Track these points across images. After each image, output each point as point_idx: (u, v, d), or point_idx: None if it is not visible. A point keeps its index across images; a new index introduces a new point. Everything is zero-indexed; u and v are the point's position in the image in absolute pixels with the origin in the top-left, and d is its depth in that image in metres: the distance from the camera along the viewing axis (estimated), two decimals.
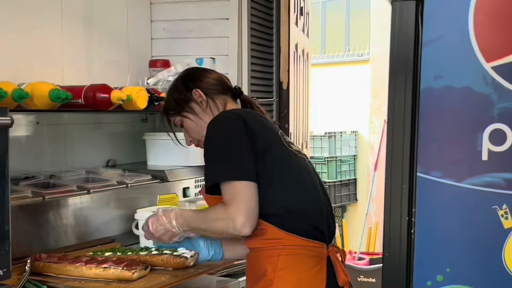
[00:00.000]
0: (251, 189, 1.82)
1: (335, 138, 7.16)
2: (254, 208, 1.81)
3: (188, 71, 2.17)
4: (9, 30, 2.44)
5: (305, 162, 2.01)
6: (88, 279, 2.01)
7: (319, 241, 1.91)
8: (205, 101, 2.03)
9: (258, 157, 1.86)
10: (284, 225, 1.87)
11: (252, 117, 1.95)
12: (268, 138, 1.92)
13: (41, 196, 2.28)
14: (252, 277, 1.93)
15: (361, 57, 7.52)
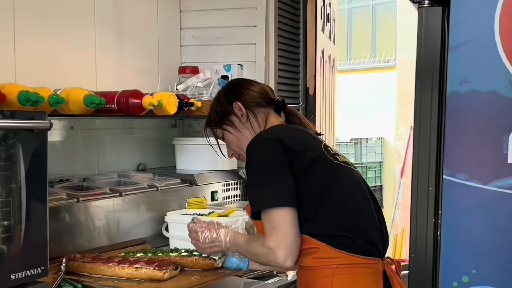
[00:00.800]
0: (289, 217, 1.76)
1: (361, 144, 7.16)
2: (294, 239, 1.77)
3: (231, 83, 2.15)
4: (45, 38, 2.53)
5: (354, 174, 1.93)
6: (121, 278, 2.06)
7: (374, 257, 1.83)
8: (245, 115, 2.00)
9: (300, 177, 1.80)
10: (337, 243, 1.79)
11: (291, 135, 1.90)
12: (311, 155, 1.84)
13: (76, 198, 2.35)
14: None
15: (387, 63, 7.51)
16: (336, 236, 1.80)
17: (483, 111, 1.89)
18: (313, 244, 1.80)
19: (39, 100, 2.07)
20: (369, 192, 1.93)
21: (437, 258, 1.96)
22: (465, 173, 1.90)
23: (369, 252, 1.82)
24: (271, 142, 1.84)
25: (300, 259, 1.84)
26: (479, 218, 1.90)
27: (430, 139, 1.93)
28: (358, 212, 1.85)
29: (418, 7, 2.02)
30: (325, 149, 1.92)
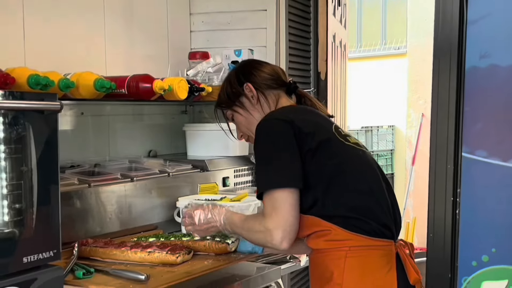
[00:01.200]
0: (291, 198, 1.75)
1: (371, 132, 7.12)
2: (293, 222, 1.76)
3: (242, 64, 2.13)
4: (54, 23, 2.51)
5: (365, 155, 1.91)
6: (134, 262, 2.05)
7: (387, 239, 1.81)
8: (256, 96, 1.98)
9: (310, 158, 1.78)
10: (349, 225, 1.78)
11: (301, 116, 1.87)
12: (321, 137, 1.82)
13: (87, 183, 2.34)
14: (318, 279, 1.85)
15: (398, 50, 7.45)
16: (348, 218, 1.78)
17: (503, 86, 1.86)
18: (325, 226, 1.79)
19: (49, 84, 2.06)
20: (381, 174, 1.91)
21: (456, 238, 1.93)
22: (484, 150, 1.87)
23: (382, 234, 1.80)
24: (280, 122, 1.82)
25: (312, 241, 1.83)
26: (499, 196, 1.87)
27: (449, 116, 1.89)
28: (370, 193, 1.83)
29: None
30: (335, 130, 1.90)
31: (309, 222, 1.81)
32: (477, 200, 1.89)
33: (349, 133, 1.98)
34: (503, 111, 1.88)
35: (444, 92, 1.91)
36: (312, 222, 1.81)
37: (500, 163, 1.87)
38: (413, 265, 1.83)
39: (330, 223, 1.78)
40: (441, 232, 1.93)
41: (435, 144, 1.94)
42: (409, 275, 1.80)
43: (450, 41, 1.90)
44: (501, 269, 1.88)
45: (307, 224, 1.82)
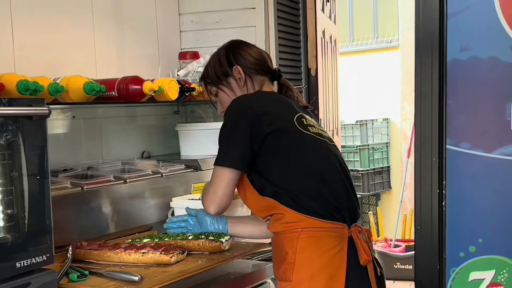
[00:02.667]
0: (230, 178, 1.95)
1: (366, 126, 7.12)
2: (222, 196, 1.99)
3: (232, 44, 2.20)
4: (43, 28, 2.52)
5: (325, 145, 2.02)
6: (128, 264, 2.06)
7: (339, 222, 1.92)
8: (243, 79, 2.09)
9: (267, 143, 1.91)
10: (301, 208, 1.90)
11: (264, 103, 2.00)
12: (278, 123, 1.95)
13: (80, 186, 2.35)
14: (276, 260, 1.99)
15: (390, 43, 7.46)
16: (299, 201, 1.90)
17: (484, 78, 1.88)
18: (280, 209, 1.92)
19: (38, 89, 2.06)
20: (340, 164, 2.03)
21: (443, 229, 1.95)
22: (468, 142, 1.89)
23: (332, 217, 1.91)
24: (243, 105, 1.97)
25: (271, 225, 1.97)
26: (484, 187, 1.89)
27: (432, 109, 1.91)
28: (322, 179, 1.94)
29: None
30: (297, 119, 2.01)
31: (267, 204, 1.96)
32: (462, 191, 1.91)
33: (315, 123, 2.08)
34: (485, 102, 1.90)
35: (426, 85, 1.93)
36: (269, 204, 1.95)
37: (484, 154, 1.90)
38: (365, 248, 1.93)
39: (284, 206, 1.91)
40: (428, 224, 1.95)
41: (419, 137, 1.96)
42: (360, 256, 1.91)
43: (431, 35, 1.92)
44: (488, 259, 1.91)
45: (265, 206, 1.97)
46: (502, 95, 1.87)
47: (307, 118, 2.06)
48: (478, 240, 1.90)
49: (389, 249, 6.08)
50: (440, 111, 1.94)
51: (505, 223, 1.89)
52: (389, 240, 6.28)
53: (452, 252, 1.93)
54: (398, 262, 5.92)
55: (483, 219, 1.90)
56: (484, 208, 1.90)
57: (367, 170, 7.03)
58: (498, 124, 1.88)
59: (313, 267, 1.87)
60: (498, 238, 1.89)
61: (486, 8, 1.85)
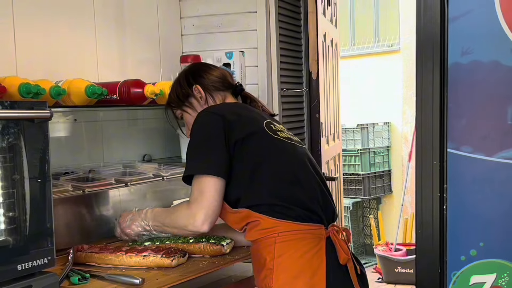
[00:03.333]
0: (216, 186, 1.89)
1: (367, 130, 7.12)
2: (216, 207, 1.90)
3: (192, 67, 2.26)
4: (45, 30, 2.52)
5: (294, 148, 2.03)
6: (129, 267, 2.07)
7: (315, 223, 1.92)
8: (204, 98, 2.12)
9: (237, 149, 1.90)
10: (275, 213, 1.90)
11: (233, 111, 2.01)
12: (248, 130, 1.95)
13: (81, 189, 2.35)
14: (256, 268, 1.97)
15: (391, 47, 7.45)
16: (272, 206, 1.90)
17: (486, 81, 1.88)
18: (254, 217, 1.91)
19: (40, 92, 2.07)
20: (312, 166, 2.04)
21: (444, 233, 1.95)
22: (469, 145, 1.89)
23: (309, 219, 1.91)
24: (212, 115, 1.97)
25: (247, 234, 1.96)
26: (485, 190, 1.89)
27: (433, 112, 1.92)
28: (295, 182, 1.95)
29: None
30: (267, 125, 2.02)
31: (241, 215, 1.94)
32: (463, 195, 1.91)
33: (283, 128, 2.10)
34: (486, 106, 1.91)
35: (428, 89, 1.93)
36: (244, 215, 1.93)
37: (485, 158, 1.90)
38: (343, 247, 1.94)
39: (258, 213, 1.90)
40: (429, 227, 1.95)
41: (420, 141, 1.96)
42: (339, 256, 1.92)
43: (432, 39, 1.93)
44: (489, 262, 1.90)
45: (240, 217, 1.95)
46: (503, 99, 1.87)
47: (275, 124, 2.09)
48: (479, 244, 1.90)
49: (390, 253, 6.08)
50: (441, 114, 1.95)
51: (506, 226, 1.88)
52: (390, 244, 6.27)
53: (453, 256, 1.92)
54: (399, 266, 5.91)
55: (484, 222, 1.90)
56: (485, 212, 1.90)
57: (368, 174, 7.02)
58: (499, 128, 1.88)
59: (292, 270, 1.87)
60: (499, 242, 1.89)
61: (487, 12, 1.85)
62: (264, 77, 3.11)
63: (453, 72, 1.89)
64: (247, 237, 1.98)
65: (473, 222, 1.90)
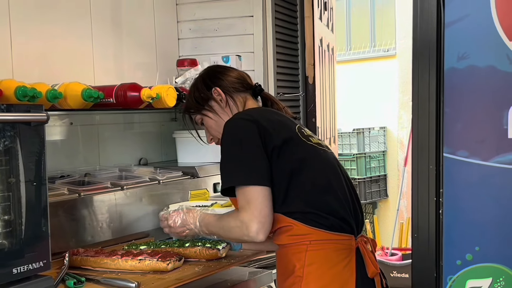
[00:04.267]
0: (264, 193, 1.81)
1: (363, 134, 7.14)
2: (267, 213, 1.81)
3: (208, 70, 2.17)
4: (41, 34, 2.52)
5: (326, 154, 1.98)
6: (125, 271, 2.06)
7: (346, 233, 1.89)
8: (224, 100, 2.04)
9: (274, 157, 1.85)
10: (309, 221, 1.85)
11: (266, 117, 1.93)
12: (283, 136, 1.89)
13: (77, 193, 2.35)
14: (282, 273, 1.92)
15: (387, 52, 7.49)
16: (307, 214, 1.85)
17: (482, 86, 1.88)
18: (287, 222, 1.86)
19: (36, 95, 2.07)
20: (343, 173, 1.99)
21: (440, 237, 1.95)
22: (465, 150, 1.90)
23: (341, 229, 1.87)
24: (246, 122, 1.89)
25: (276, 238, 1.91)
26: (480, 195, 1.90)
27: (429, 117, 1.92)
28: (329, 190, 1.90)
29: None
30: (298, 130, 1.97)
31: (274, 219, 1.87)
32: (459, 199, 1.91)
33: (312, 134, 2.05)
34: (482, 111, 1.91)
35: (424, 93, 1.94)
36: (276, 219, 1.87)
37: (481, 163, 1.90)
38: (372, 259, 1.90)
39: (291, 218, 1.85)
40: (425, 232, 1.95)
41: (417, 145, 1.97)
42: (368, 269, 1.88)
43: (428, 43, 1.93)
44: (485, 267, 1.91)
45: None
46: (499, 103, 1.88)
47: (305, 129, 2.04)
48: (475, 248, 1.90)
49: (385, 257, 6.08)
50: (437, 119, 1.95)
51: (502, 231, 1.89)
52: (386, 249, 6.28)
53: (449, 260, 1.92)
54: (394, 270, 5.92)
55: (480, 227, 1.90)
56: (481, 216, 1.90)
57: (363, 178, 7.03)
58: (495, 132, 1.88)
59: (322, 281, 1.83)
60: (495, 246, 1.89)
61: (483, 17, 1.86)
62: (260, 81, 3.11)
63: (449, 77, 1.89)
64: (275, 240, 1.92)
65: (469, 227, 1.91)
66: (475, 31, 1.88)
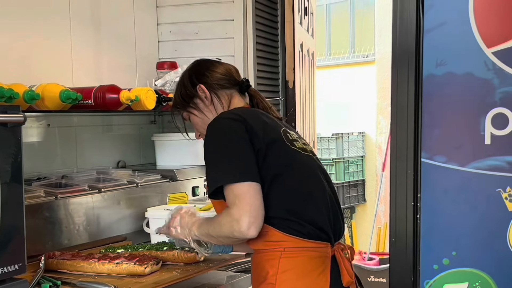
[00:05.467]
0: (254, 189, 1.76)
1: (342, 139, 7.18)
2: (258, 208, 1.75)
3: (195, 64, 2.11)
4: (19, 34, 2.49)
5: (310, 161, 1.94)
6: (101, 274, 2.04)
7: (323, 241, 1.84)
8: (209, 97, 1.99)
9: (259, 158, 1.80)
10: (285, 228, 1.81)
11: (253, 116, 1.90)
12: (268, 138, 1.84)
13: (54, 195, 2.32)
14: (256, 279, 1.89)
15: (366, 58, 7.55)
16: (284, 220, 1.81)
17: (459, 93, 1.91)
18: (264, 227, 1.79)
19: (13, 96, 2.04)
20: (326, 180, 1.95)
21: (417, 242, 1.97)
22: (443, 155, 1.92)
23: (318, 237, 1.83)
24: (233, 121, 1.84)
25: (252, 242, 1.85)
26: (458, 200, 1.92)
27: (408, 122, 1.94)
28: (309, 198, 1.86)
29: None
30: (283, 134, 1.92)
31: None
32: (437, 204, 1.93)
33: (297, 137, 1.99)
34: (460, 117, 1.94)
35: (403, 99, 1.96)
36: None
37: (458, 168, 1.92)
38: (347, 268, 1.87)
39: (267, 224, 1.80)
40: (403, 236, 1.96)
41: (395, 150, 1.98)
42: (343, 278, 1.85)
43: (407, 50, 1.95)
44: (461, 271, 1.93)
45: None
46: (476, 110, 1.91)
47: (290, 133, 1.98)
48: (452, 253, 1.92)
49: (363, 262, 6.11)
50: (415, 124, 1.97)
51: (478, 236, 1.91)
52: (363, 253, 6.32)
53: (426, 265, 1.94)
54: (372, 275, 5.95)
55: (457, 232, 1.92)
56: (457, 221, 1.92)
57: (342, 183, 7.07)
58: (472, 138, 1.91)
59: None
60: (472, 251, 1.91)
61: (462, 24, 1.88)
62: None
63: (427, 83, 1.92)
64: (250, 244, 1.86)
65: (446, 231, 1.93)
66: (453, 38, 1.91)
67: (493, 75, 1.88)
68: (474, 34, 1.88)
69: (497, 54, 1.87)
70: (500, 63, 1.86)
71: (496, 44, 1.87)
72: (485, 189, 1.88)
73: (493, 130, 1.89)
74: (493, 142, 1.89)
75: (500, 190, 1.88)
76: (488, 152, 1.89)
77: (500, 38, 1.87)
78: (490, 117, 1.90)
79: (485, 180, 1.88)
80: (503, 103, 1.87)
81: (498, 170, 1.87)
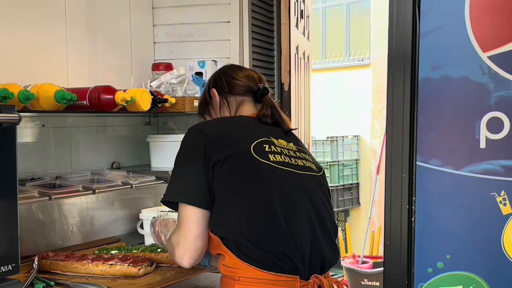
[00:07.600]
0: (196, 215, 1.68)
1: (337, 142, 7.19)
2: (193, 239, 1.68)
3: (219, 68, 2.07)
4: (14, 34, 2.48)
5: (287, 176, 1.75)
6: (95, 275, 2.03)
7: (287, 274, 1.65)
8: (218, 102, 1.95)
9: (215, 171, 1.69)
10: (239, 253, 1.65)
11: (218, 128, 1.81)
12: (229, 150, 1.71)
13: (48, 196, 2.31)
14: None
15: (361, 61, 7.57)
16: (240, 244, 1.66)
17: (455, 96, 1.91)
18: (221, 249, 1.70)
19: (8, 96, 2.03)
20: (310, 199, 1.77)
21: (412, 245, 1.97)
22: (438, 159, 1.92)
23: (278, 268, 1.64)
24: (195, 132, 1.79)
25: (214, 261, 1.81)
26: (452, 203, 1.92)
27: (403, 125, 1.94)
28: (271, 218, 1.67)
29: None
30: (257, 145, 1.76)
31: (215, 242, 1.72)
32: (431, 208, 1.93)
33: (283, 150, 1.82)
34: (455, 121, 1.94)
35: (398, 102, 1.96)
36: (215, 243, 1.72)
37: (453, 172, 1.92)
38: None
39: (225, 246, 1.68)
40: (397, 239, 1.96)
41: (390, 153, 1.98)
42: None
43: (403, 53, 1.95)
44: (456, 275, 1.93)
45: (213, 243, 1.73)
46: (472, 113, 1.91)
47: (274, 143, 1.81)
48: (446, 256, 1.92)
49: (357, 265, 6.12)
50: (411, 128, 1.97)
51: (473, 239, 1.91)
52: (357, 256, 6.32)
53: (421, 268, 1.94)
54: (365, 278, 5.96)
55: (452, 235, 1.92)
56: (452, 225, 1.92)
57: (336, 186, 7.08)
58: (468, 142, 1.91)
59: None
60: (466, 255, 1.91)
61: (458, 28, 1.89)
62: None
63: (423, 86, 1.92)
64: (212, 263, 1.81)
65: (440, 235, 1.93)
66: (449, 41, 1.91)
67: (489, 79, 1.88)
68: (470, 38, 1.89)
69: (492, 59, 1.88)
70: (495, 67, 1.87)
71: (492, 49, 1.88)
72: (480, 192, 1.89)
73: (488, 134, 1.89)
74: (488, 146, 1.89)
75: (494, 194, 1.88)
76: (483, 156, 1.89)
77: (496, 42, 1.87)
78: (485, 121, 1.90)
79: (480, 184, 1.89)
80: (498, 107, 1.88)
81: (493, 174, 1.88)
